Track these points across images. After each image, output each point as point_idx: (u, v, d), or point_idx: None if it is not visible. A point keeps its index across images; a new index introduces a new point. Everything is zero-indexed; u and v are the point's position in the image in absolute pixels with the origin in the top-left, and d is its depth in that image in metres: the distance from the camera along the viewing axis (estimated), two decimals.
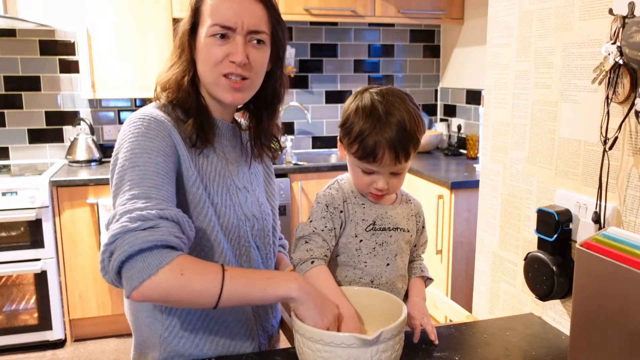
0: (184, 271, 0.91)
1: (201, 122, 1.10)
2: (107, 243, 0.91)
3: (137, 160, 0.98)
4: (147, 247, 0.89)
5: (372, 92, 1.10)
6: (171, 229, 0.92)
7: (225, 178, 1.14)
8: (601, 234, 0.97)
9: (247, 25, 1.06)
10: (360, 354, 0.89)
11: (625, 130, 1.06)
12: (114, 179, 1.00)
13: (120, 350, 2.96)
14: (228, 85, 1.08)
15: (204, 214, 1.07)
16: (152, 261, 0.89)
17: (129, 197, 0.94)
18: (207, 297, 0.93)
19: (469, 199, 2.70)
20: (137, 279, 0.89)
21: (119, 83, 3.05)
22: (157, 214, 0.92)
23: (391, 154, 1.05)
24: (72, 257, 2.91)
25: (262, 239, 1.21)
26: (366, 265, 1.15)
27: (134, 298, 0.90)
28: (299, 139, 3.79)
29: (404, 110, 1.06)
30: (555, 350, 1.12)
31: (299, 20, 3.40)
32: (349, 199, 1.15)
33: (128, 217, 0.91)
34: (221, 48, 1.06)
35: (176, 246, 0.93)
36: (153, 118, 1.04)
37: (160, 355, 1.10)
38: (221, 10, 1.05)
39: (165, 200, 0.96)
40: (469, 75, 3.59)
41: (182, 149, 1.05)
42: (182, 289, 0.91)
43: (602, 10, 1.10)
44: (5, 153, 3.32)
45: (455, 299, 2.67)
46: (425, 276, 1.25)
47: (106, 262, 0.92)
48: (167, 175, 1.00)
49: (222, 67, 1.07)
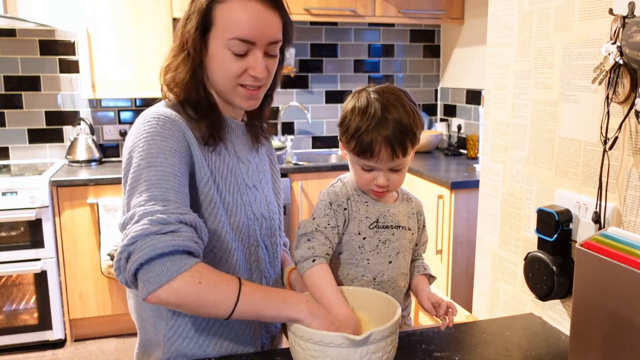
0: (202, 279, 0.91)
1: (212, 121, 1.09)
2: (126, 244, 0.90)
3: (153, 160, 0.97)
4: (168, 251, 0.89)
5: (369, 91, 1.12)
6: (191, 234, 0.93)
7: (236, 176, 1.14)
8: (601, 234, 0.97)
9: (267, 38, 1.04)
10: (350, 354, 0.89)
11: (625, 130, 1.06)
12: (129, 178, 0.99)
13: (120, 350, 2.96)
14: (246, 94, 1.08)
15: (215, 214, 1.07)
16: (171, 266, 0.89)
17: (147, 199, 0.94)
18: (221, 309, 0.94)
19: (469, 199, 2.70)
20: (155, 283, 0.89)
21: (119, 83, 3.05)
22: (177, 218, 0.92)
23: (388, 149, 1.07)
24: (72, 257, 2.91)
25: (270, 238, 1.21)
26: (369, 262, 1.15)
27: (150, 300, 0.91)
28: (299, 139, 3.78)
29: (400, 106, 1.08)
30: (555, 350, 1.12)
31: (299, 20, 3.40)
32: (353, 196, 1.17)
33: (149, 220, 0.90)
34: (240, 62, 1.04)
35: (194, 252, 0.93)
36: (167, 117, 1.03)
37: (164, 354, 1.10)
38: (241, 24, 1.01)
39: (183, 204, 0.96)
40: (469, 75, 3.59)
41: (195, 148, 1.05)
42: (199, 297, 0.92)
43: (602, 10, 1.10)
44: (5, 153, 3.32)
45: (455, 299, 2.67)
46: (428, 274, 1.26)
47: (123, 262, 0.91)
48: (183, 177, 1.00)
49: (240, 79, 1.06)
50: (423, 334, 1.17)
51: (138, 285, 0.92)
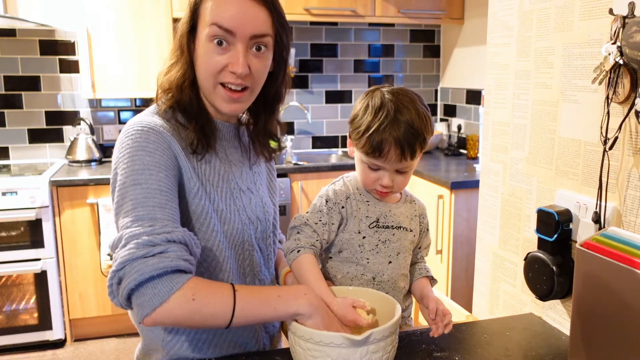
0: (195, 295, 0.90)
1: (202, 126, 1.07)
2: (114, 270, 0.89)
3: (138, 177, 0.95)
4: (157, 274, 0.88)
5: (383, 91, 1.12)
6: (180, 253, 0.91)
7: (229, 181, 1.12)
8: (601, 234, 0.97)
9: (249, 31, 1.00)
10: (350, 354, 0.89)
11: (625, 130, 1.06)
12: (115, 197, 0.97)
13: (120, 350, 2.96)
14: (226, 96, 1.04)
15: (207, 224, 1.05)
16: (162, 288, 0.88)
17: (133, 219, 0.92)
18: (219, 320, 0.93)
19: (469, 199, 2.70)
20: (149, 307, 0.88)
21: (119, 83, 3.05)
22: (164, 238, 0.90)
23: (397, 150, 1.07)
24: (72, 257, 2.91)
25: (265, 240, 1.20)
26: (368, 261, 1.16)
27: (147, 324, 0.90)
28: (299, 139, 3.78)
29: (413, 109, 1.08)
30: (555, 350, 1.12)
31: (299, 20, 3.40)
32: (353, 195, 1.17)
33: (135, 244, 0.89)
34: (221, 56, 1.01)
35: (185, 269, 0.92)
36: (151, 129, 0.99)
37: (163, 358, 1.10)
38: (221, 10, 0.99)
39: (170, 220, 0.94)
40: (469, 75, 3.59)
41: (182, 160, 1.02)
42: (194, 314, 0.91)
43: (602, 10, 1.10)
44: (5, 153, 3.32)
45: (455, 299, 2.67)
46: (430, 276, 1.26)
47: (114, 287, 0.91)
48: (170, 192, 0.97)
49: (221, 77, 1.02)
50: (423, 334, 1.17)
51: (133, 309, 0.91)
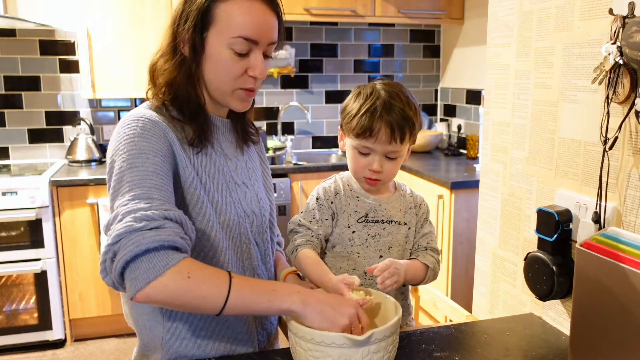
0: (191, 274, 0.90)
1: (200, 123, 1.08)
2: (110, 243, 0.88)
3: (135, 161, 0.96)
4: (153, 247, 0.87)
5: (374, 83, 1.19)
6: (176, 230, 0.91)
7: (224, 174, 1.13)
8: (601, 234, 0.97)
9: (268, 39, 1.05)
10: (351, 354, 0.89)
11: (625, 130, 1.06)
12: (112, 182, 0.98)
13: (120, 350, 2.96)
14: (244, 96, 1.09)
15: (203, 214, 1.06)
16: (158, 262, 0.88)
17: (130, 198, 0.92)
18: (212, 304, 0.92)
19: (469, 199, 2.70)
20: (143, 280, 0.87)
21: (119, 83, 3.05)
22: (161, 214, 0.90)
23: (387, 130, 1.12)
24: (72, 257, 2.91)
25: (261, 235, 1.21)
26: (359, 255, 1.19)
27: (138, 299, 0.88)
28: (299, 139, 3.78)
29: (404, 98, 1.15)
30: (555, 350, 1.12)
31: (299, 20, 3.40)
32: (343, 191, 1.21)
33: (132, 217, 0.89)
34: (240, 63, 1.04)
35: (181, 247, 0.92)
36: (147, 119, 1.02)
37: (163, 357, 1.10)
38: (246, 22, 1.02)
39: (166, 201, 0.95)
40: (469, 75, 3.59)
41: (178, 149, 1.04)
42: (188, 292, 0.90)
43: (602, 10, 1.10)
44: (5, 153, 3.32)
45: (455, 299, 2.67)
46: (425, 264, 1.21)
47: (108, 262, 0.90)
48: (166, 176, 0.99)
49: (241, 82, 1.06)
50: (423, 334, 1.17)
51: (125, 285, 0.89)
